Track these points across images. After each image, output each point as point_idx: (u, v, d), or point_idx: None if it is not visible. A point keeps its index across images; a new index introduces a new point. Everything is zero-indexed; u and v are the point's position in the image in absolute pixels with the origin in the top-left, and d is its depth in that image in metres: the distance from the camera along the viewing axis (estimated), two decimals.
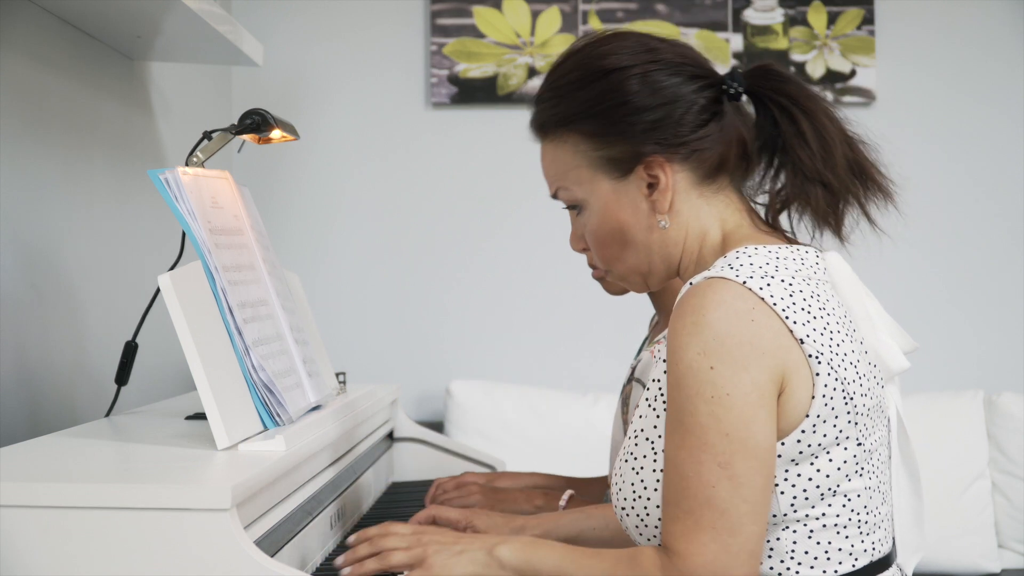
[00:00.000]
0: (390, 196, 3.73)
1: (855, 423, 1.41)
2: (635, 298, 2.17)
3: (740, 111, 1.52)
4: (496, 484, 2.22)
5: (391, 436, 2.50)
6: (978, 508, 3.42)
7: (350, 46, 3.71)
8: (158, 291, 1.87)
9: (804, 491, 1.39)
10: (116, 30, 2.35)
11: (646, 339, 2.20)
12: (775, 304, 1.38)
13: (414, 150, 3.72)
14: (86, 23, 2.29)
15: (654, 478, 1.42)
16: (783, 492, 1.39)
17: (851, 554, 1.42)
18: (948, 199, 3.70)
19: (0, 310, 2.00)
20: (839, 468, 1.40)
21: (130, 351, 2.03)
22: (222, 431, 1.58)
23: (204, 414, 1.60)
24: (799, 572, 1.40)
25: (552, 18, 3.67)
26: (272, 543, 1.51)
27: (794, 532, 1.40)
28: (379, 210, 3.72)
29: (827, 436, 1.39)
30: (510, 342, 3.73)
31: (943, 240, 3.70)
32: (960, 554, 3.38)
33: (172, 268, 1.70)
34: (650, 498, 1.43)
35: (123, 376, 2.04)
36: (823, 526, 1.41)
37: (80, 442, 1.71)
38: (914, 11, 3.71)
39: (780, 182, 1.50)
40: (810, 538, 1.40)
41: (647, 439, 1.44)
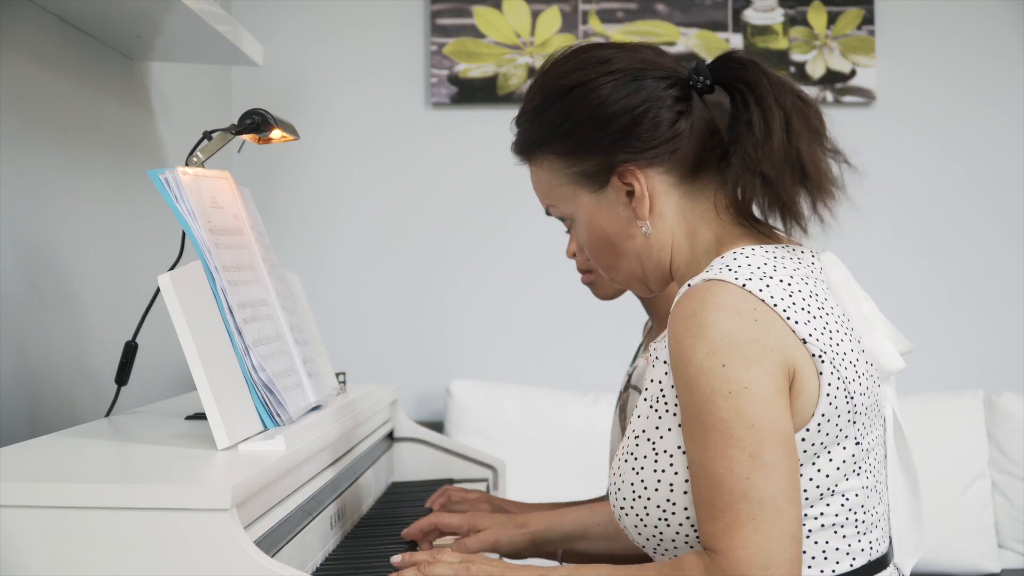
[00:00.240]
0: (390, 196, 3.73)
1: (854, 422, 1.41)
2: (633, 299, 2.17)
3: (720, 104, 1.50)
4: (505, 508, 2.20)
5: (391, 436, 2.50)
6: (978, 508, 3.42)
7: (350, 46, 3.71)
8: (158, 291, 1.87)
9: (804, 491, 1.39)
10: (116, 30, 2.35)
11: (641, 345, 2.20)
12: (776, 305, 1.37)
13: (414, 150, 3.72)
14: (86, 23, 2.29)
15: (654, 478, 1.42)
16: None
17: (848, 553, 1.42)
18: (948, 199, 3.70)
19: (0, 310, 2.00)
20: (838, 468, 1.40)
21: (130, 351, 2.03)
22: (222, 431, 1.58)
23: (204, 414, 1.60)
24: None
25: (552, 18, 3.67)
26: (272, 543, 1.51)
27: None
28: (379, 210, 3.72)
29: (829, 435, 1.39)
30: (510, 342, 3.73)
31: (943, 240, 3.70)
32: (960, 554, 3.38)
33: (172, 268, 1.70)
34: (650, 498, 1.42)
35: (123, 376, 2.04)
36: (821, 526, 1.41)
37: (80, 442, 1.71)
38: (914, 11, 3.71)
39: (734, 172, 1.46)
40: (808, 538, 1.40)
41: (648, 439, 1.44)
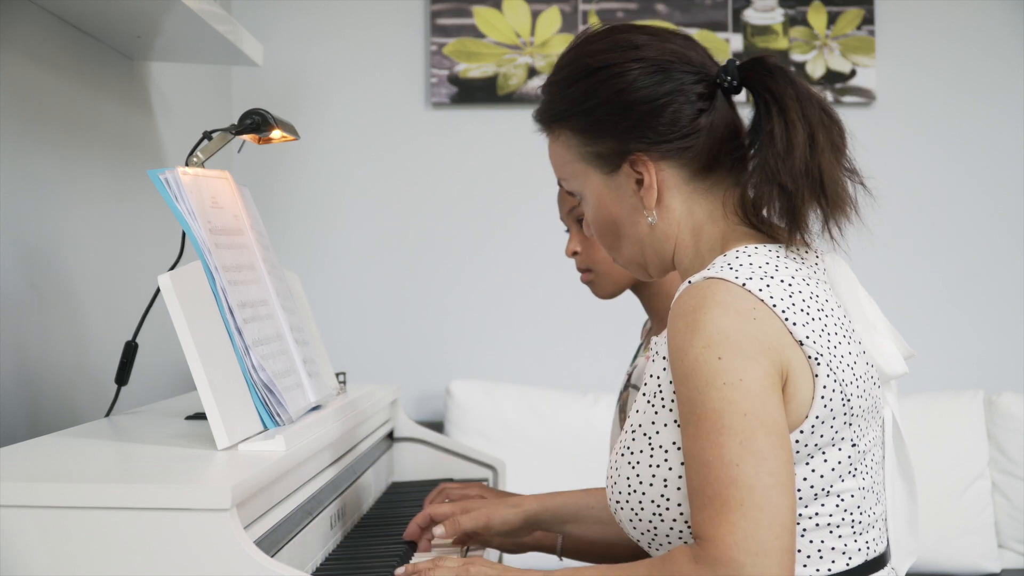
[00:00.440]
0: (390, 196, 3.73)
1: (850, 424, 1.41)
2: (633, 299, 2.17)
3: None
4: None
5: (391, 436, 2.50)
6: (978, 508, 3.42)
7: (350, 46, 3.71)
8: (158, 291, 1.87)
9: (798, 491, 1.39)
10: (116, 30, 2.35)
11: (640, 345, 2.20)
12: (775, 305, 1.38)
13: (414, 150, 3.72)
14: (86, 23, 2.29)
15: (649, 473, 1.42)
16: None
17: (844, 553, 1.42)
18: (948, 199, 3.70)
19: (0, 310, 2.00)
20: (833, 469, 1.40)
21: (130, 351, 2.03)
22: (222, 431, 1.58)
23: (204, 414, 1.60)
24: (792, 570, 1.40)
25: (552, 18, 3.68)
26: (272, 543, 1.51)
27: None
28: (379, 210, 3.72)
29: (824, 437, 1.39)
30: (510, 342, 3.73)
31: (943, 240, 3.70)
32: (960, 554, 3.38)
33: (172, 268, 1.70)
34: (645, 493, 1.43)
35: (123, 376, 2.04)
36: (816, 525, 1.41)
37: (80, 442, 1.71)
38: (914, 11, 3.71)
39: (751, 180, 1.48)
40: (803, 537, 1.40)
41: (644, 434, 1.44)
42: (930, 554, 3.32)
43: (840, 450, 1.41)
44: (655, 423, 1.43)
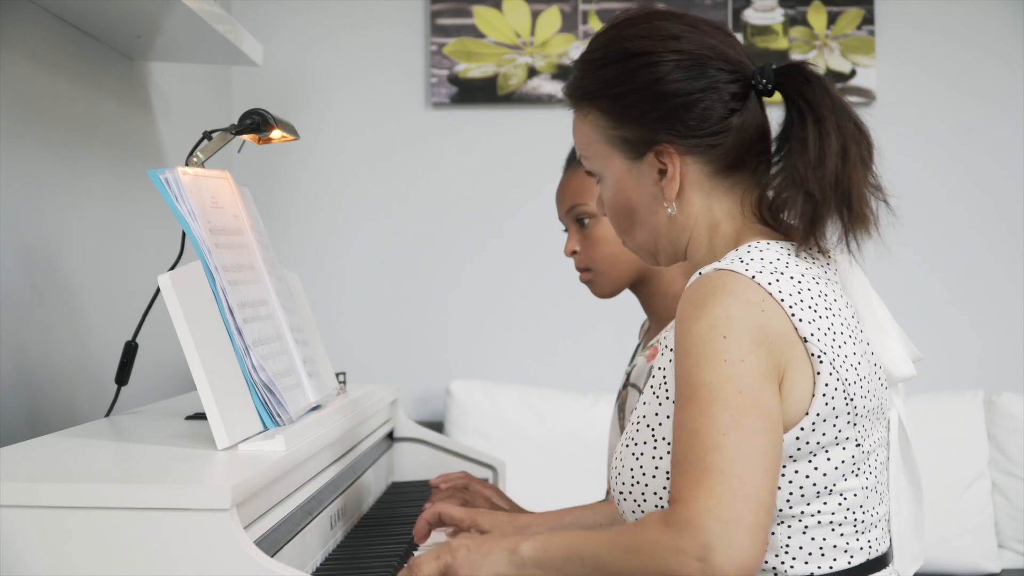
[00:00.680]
0: (390, 196, 3.73)
1: (854, 424, 1.41)
2: (632, 299, 2.18)
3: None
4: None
5: (391, 436, 2.50)
6: (978, 508, 3.42)
7: (350, 46, 3.71)
8: (158, 291, 1.87)
9: (800, 487, 1.39)
10: (116, 30, 2.35)
11: (639, 345, 2.20)
12: (783, 300, 1.38)
13: (414, 150, 3.72)
14: (86, 23, 2.29)
15: (652, 464, 1.43)
16: (779, 488, 1.39)
17: (846, 551, 1.42)
18: (948, 199, 3.70)
19: (0, 310, 2.00)
20: (836, 467, 1.40)
21: (130, 351, 2.03)
22: (222, 431, 1.58)
23: (204, 414, 1.60)
24: (793, 567, 1.41)
25: (552, 18, 3.67)
26: (272, 543, 1.51)
27: (789, 527, 1.40)
28: (379, 210, 3.72)
29: (826, 435, 1.39)
30: (510, 342, 3.73)
31: (943, 240, 3.70)
32: (960, 554, 3.38)
33: (172, 268, 1.70)
34: (648, 484, 1.43)
35: (123, 376, 2.04)
36: (818, 523, 1.41)
37: (80, 442, 1.71)
38: (914, 11, 3.71)
39: (776, 183, 1.48)
40: (804, 534, 1.41)
41: (648, 425, 1.45)
42: (930, 554, 3.32)
43: (844, 449, 1.41)
44: (659, 415, 1.44)
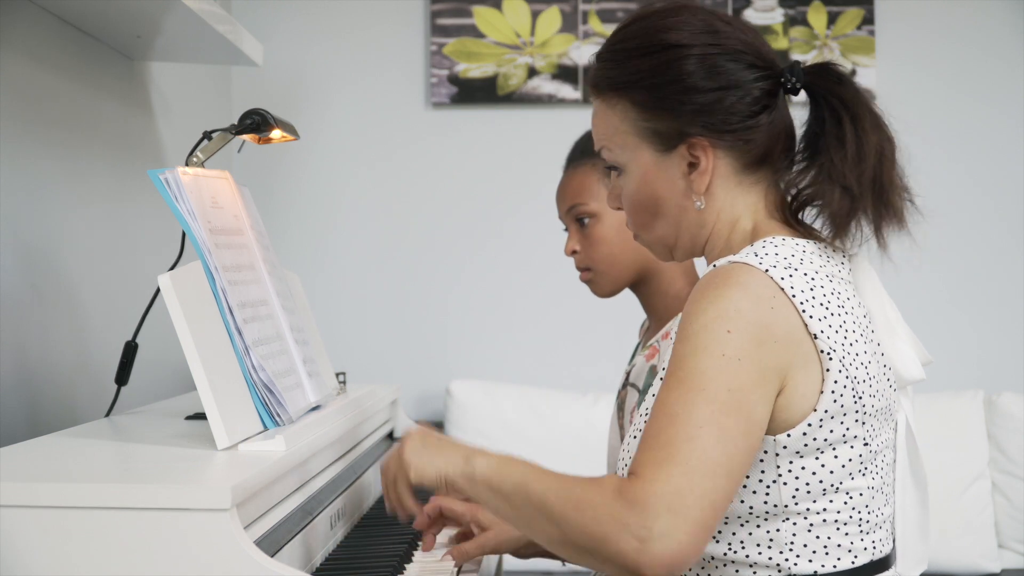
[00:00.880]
0: (390, 196, 3.73)
1: (862, 423, 1.41)
2: (632, 299, 2.18)
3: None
4: None
5: (391, 436, 2.50)
6: (978, 508, 3.42)
7: (350, 46, 3.71)
8: (158, 291, 1.87)
9: (807, 484, 1.40)
10: (116, 30, 2.35)
11: (639, 344, 2.20)
12: (794, 296, 1.38)
13: (414, 150, 3.72)
14: (86, 23, 2.29)
15: None
16: (785, 483, 1.39)
17: (850, 551, 1.42)
18: (948, 199, 3.70)
19: (0, 310, 2.00)
20: (843, 466, 1.40)
21: (130, 351, 2.03)
22: (222, 431, 1.58)
23: (204, 414, 1.60)
24: (797, 564, 1.41)
25: (552, 18, 3.67)
26: (272, 543, 1.51)
27: (794, 524, 1.40)
28: (379, 210, 3.73)
29: (834, 432, 1.39)
30: (510, 342, 3.73)
31: (943, 240, 3.70)
32: (960, 554, 3.38)
33: (172, 268, 1.70)
34: None
35: (123, 376, 2.04)
36: (823, 521, 1.41)
37: (80, 442, 1.71)
38: (914, 11, 3.71)
39: (807, 179, 1.50)
40: (809, 531, 1.41)
41: None
42: (931, 555, 3.32)
43: (851, 447, 1.41)
44: None
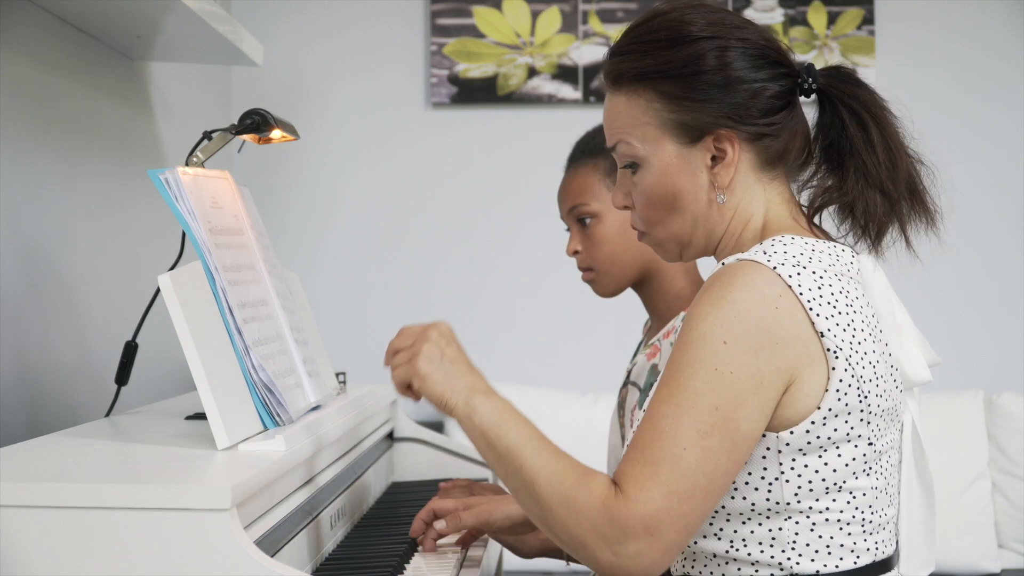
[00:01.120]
0: (390, 196, 3.73)
1: (868, 422, 1.41)
2: (635, 298, 2.17)
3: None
4: None
5: (391, 436, 2.50)
6: (978, 508, 3.42)
7: (350, 46, 3.71)
8: (158, 291, 1.87)
9: (809, 482, 1.40)
10: (116, 30, 2.35)
11: (641, 343, 2.20)
12: (802, 294, 1.39)
13: (414, 150, 3.72)
14: (86, 23, 2.29)
15: None
16: (788, 481, 1.39)
17: (853, 551, 1.42)
18: (947, 199, 3.69)
19: (0, 310, 2.00)
20: (847, 464, 1.40)
21: (130, 351, 2.03)
22: (222, 431, 1.58)
23: (204, 414, 1.60)
24: (799, 563, 1.41)
25: (552, 18, 3.67)
26: (272, 543, 1.51)
27: (796, 523, 1.40)
28: (379, 210, 3.73)
29: (838, 431, 1.39)
30: (510, 342, 3.73)
31: (943, 240, 3.69)
32: (960, 554, 3.38)
33: (172, 268, 1.70)
34: None
35: (123, 376, 2.04)
36: (826, 520, 1.41)
37: (80, 442, 1.71)
38: (914, 11, 3.71)
39: (831, 181, 1.51)
40: (812, 530, 1.41)
41: None
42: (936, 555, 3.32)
43: (855, 447, 1.41)
44: None
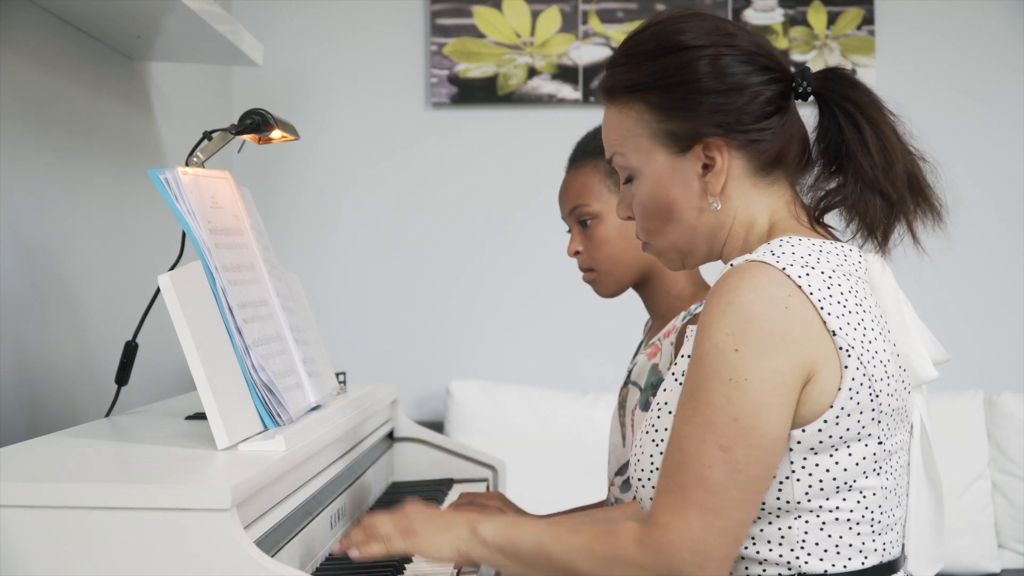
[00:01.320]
0: (390, 196, 3.73)
1: (878, 421, 1.41)
2: (635, 299, 2.18)
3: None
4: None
5: (391, 436, 2.50)
6: (978, 508, 3.42)
7: (350, 46, 3.71)
8: (158, 291, 1.87)
9: (820, 481, 1.40)
10: (116, 30, 2.35)
11: (641, 343, 2.20)
12: (811, 294, 1.39)
13: (414, 150, 3.72)
14: (86, 23, 2.29)
15: None
16: (799, 480, 1.39)
17: (861, 551, 1.42)
18: (947, 199, 3.69)
19: (0, 310, 2.00)
20: (857, 464, 1.41)
21: (130, 351, 2.03)
22: (222, 431, 1.58)
23: (204, 414, 1.60)
24: (808, 562, 1.41)
25: (552, 18, 3.67)
26: (272, 543, 1.51)
27: (806, 522, 1.41)
28: (379, 210, 3.73)
29: (849, 430, 1.40)
30: (510, 342, 3.73)
31: (942, 240, 3.69)
32: (960, 554, 3.38)
33: (172, 268, 1.70)
34: None
35: (123, 376, 2.04)
36: (836, 519, 1.41)
37: (80, 442, 1.71)
38: (914, 11, 3.71)
39: (833, 184, 1.51)
40: (822, 530, 1.41)
41: (669, 412, 1.46)
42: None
43: (866, 446, 1.41)
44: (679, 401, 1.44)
